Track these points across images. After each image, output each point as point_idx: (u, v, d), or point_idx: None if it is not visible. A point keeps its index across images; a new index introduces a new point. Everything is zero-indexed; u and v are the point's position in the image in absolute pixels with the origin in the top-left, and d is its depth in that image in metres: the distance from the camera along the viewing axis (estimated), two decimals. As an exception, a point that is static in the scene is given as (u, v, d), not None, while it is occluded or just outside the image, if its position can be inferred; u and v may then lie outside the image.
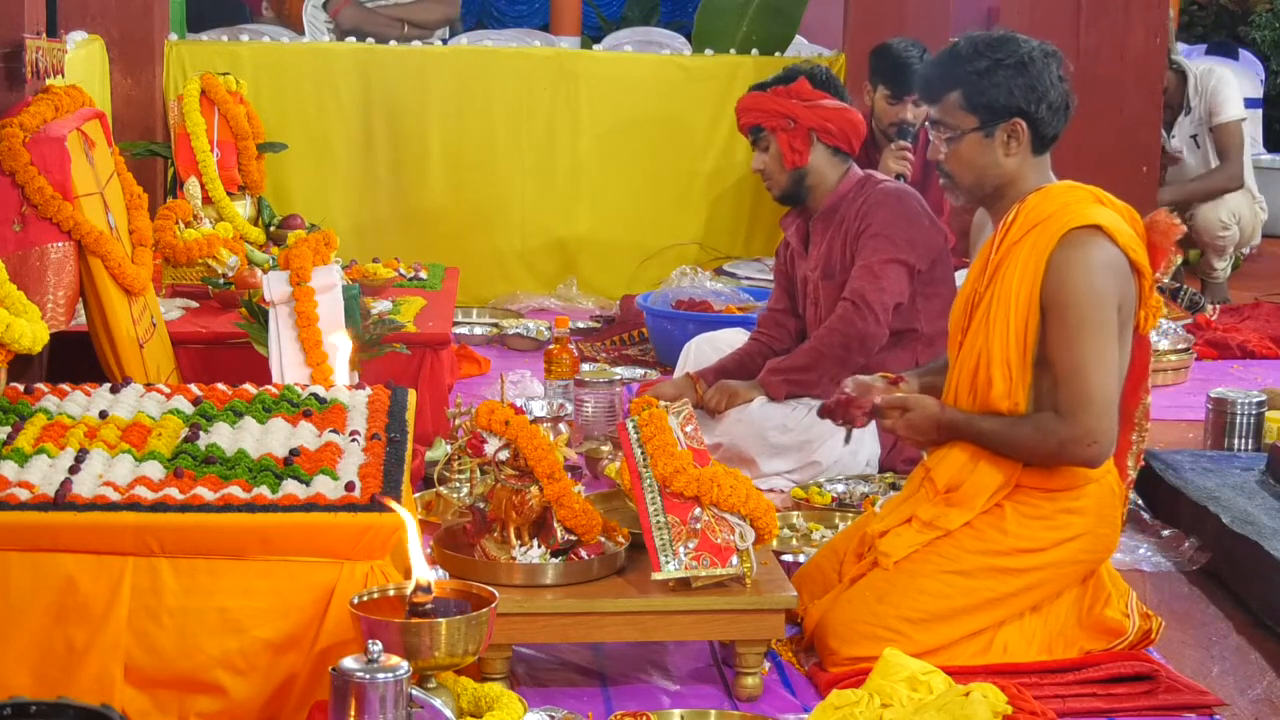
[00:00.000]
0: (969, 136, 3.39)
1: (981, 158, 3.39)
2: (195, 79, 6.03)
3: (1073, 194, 3.37)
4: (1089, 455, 3.30)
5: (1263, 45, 10.41)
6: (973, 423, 3.37)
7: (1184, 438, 5.01)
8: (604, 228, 7.26)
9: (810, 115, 4.60)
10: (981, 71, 3.35)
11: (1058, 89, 3.37)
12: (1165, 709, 3.19)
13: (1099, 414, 3.27)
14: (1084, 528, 3.35)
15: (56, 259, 3.80)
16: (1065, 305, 3.26)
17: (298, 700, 2.80)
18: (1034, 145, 3.39)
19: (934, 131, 3.45)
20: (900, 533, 3.39)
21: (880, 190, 4.61)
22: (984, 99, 3.36)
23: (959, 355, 3.44)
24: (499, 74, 7.16)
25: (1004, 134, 3.37)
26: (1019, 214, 3.35)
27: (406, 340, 4.54)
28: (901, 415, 3.46)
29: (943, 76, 3.41)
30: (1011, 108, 3.35)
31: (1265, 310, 7.04)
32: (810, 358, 4.55)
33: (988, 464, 3.35)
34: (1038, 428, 3.30)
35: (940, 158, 3.44)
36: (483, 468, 3.25)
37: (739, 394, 4.61)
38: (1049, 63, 3.38)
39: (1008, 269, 3.33)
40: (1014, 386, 3.33)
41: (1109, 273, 3.27)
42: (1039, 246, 3.29)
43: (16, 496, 2.80)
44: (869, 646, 3.22)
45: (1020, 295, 3.30)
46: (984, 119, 3.37)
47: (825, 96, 4.63)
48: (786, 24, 7.62)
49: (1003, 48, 3.37)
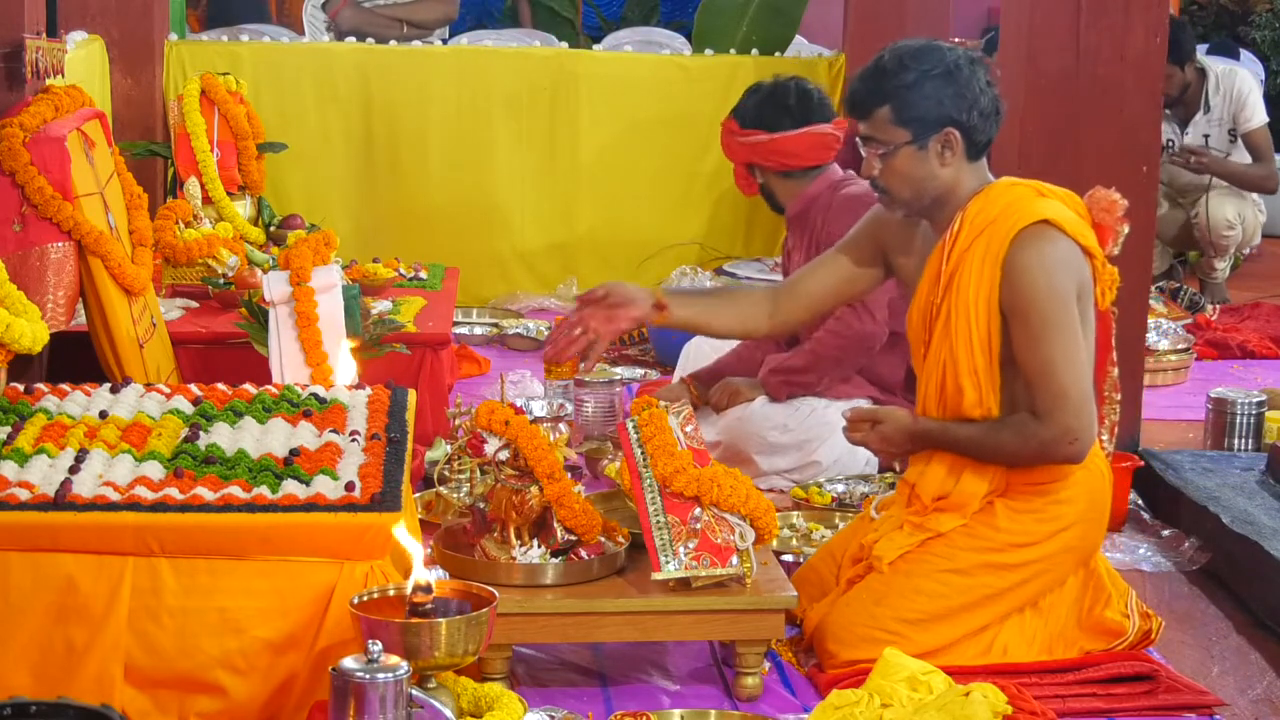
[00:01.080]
0: (902, 150, 3.35)
1: (917, 170, 3.36)
2: (195, 79, 6.03)
3: (1014, 191, 3.35)
4: (1071, 453, 3.30)
5: (1263, 45, 10.41)
6: (948, 431, 3.36)
7: (1184, 438, 5.01)
8: (604, 228, 7.26)
9: (742, 150, 4.75)
10: (909, 84, 3.31)
11: (987, 94, 3.34)
12: (1165, 709, 3.19)
13: (1076, 411, 3.26)
14: (1075, 516, 3.35)
15: (56, 259, 3.80)
16: (1027, 308, 3.25)
17: (298, 700, 2.80)
18: (969, 152, 3.36)
19: (865, 149, 3.40)
20: (893, 536, 3.39)
21: (842, 196, 4.62)
22: (914, 112, 3.32)
23: (924, 367, 3.43)
24: (499, 74, 7.16)
25: (938, 144, 3.34)
26: (963, 222, 3.33)
27: (406, 340, 4.54)
28: (873, 428, 3.44)
29: (870, 92, 3.36)
30: (942, 118, 3.32)
31: (1265, 310, 7.05)
32: (810, 360, 4.57)
33: (971, 473, 3.35)
34: (1017, 432, 3.29)
35: (874, 174, 3.39)
36: (483, 468, 3.25)
37: (741, 392, 4.62)
38: (975, 69, 3.35)
39: (962, 277, 3.31)
40: (984, 394, 3.32)
41: (1064, 268, 3.26)
42: (991, 251, 3.28)
43: (16, 496, 2.80)
44: (868, 649, 3.22)
45: (979, 302, 3.29)
46: (916, 132, 3.33)
47: (755, 133, 4.70)
48: (786, 24, 7.62)
49: (928, 58, 3.33)
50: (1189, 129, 7.45)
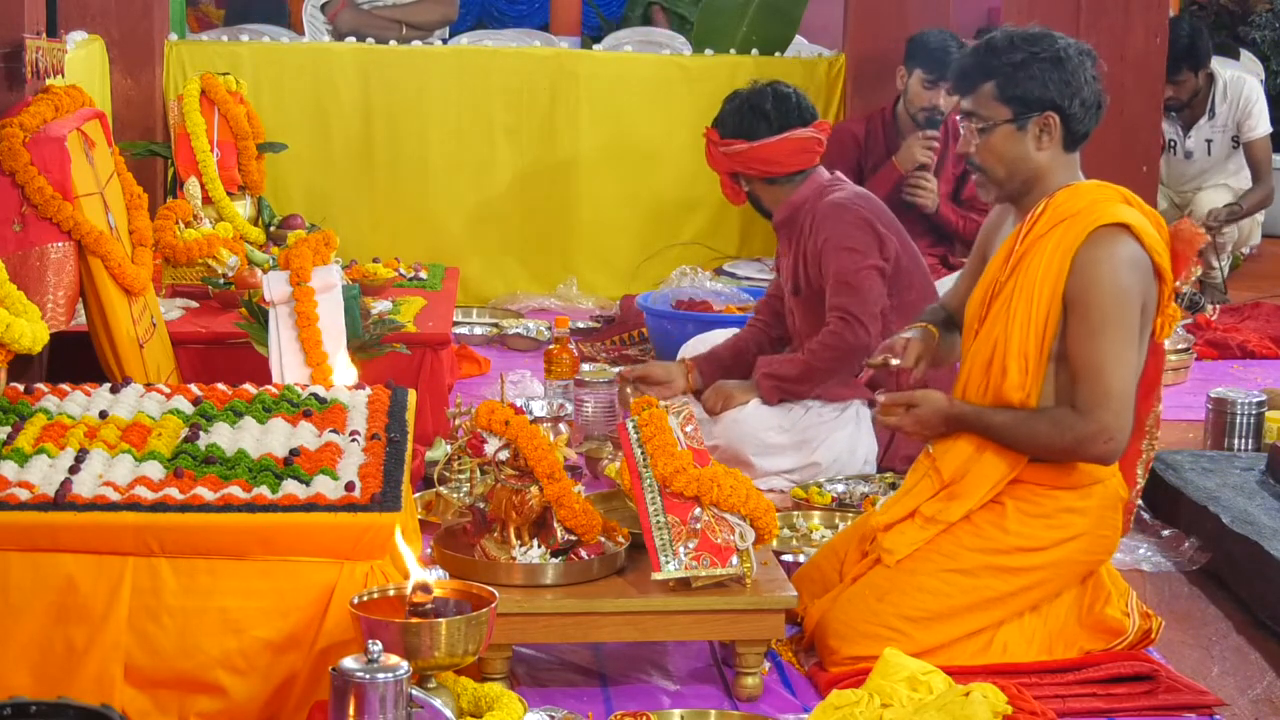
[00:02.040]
0: (1001, 128, 3.38)
1: (1013, 150, 3.39)
2: (195, 79, 6.03)
3: (1101, 192, 3.38)
4: (1104, 452, 3.30)
5: (1263, 45, 10.39)
6: (983, 416, 3.37)
7: (1184, 438, 5.01)
8: (604, 228, 7.26)
9: (725, 160, 4.71)
10: (1017, 64, 3.35)
11: (1091, 86, 3.38)
12: (1165, 709, 3.19)
13: (1117, 411, 3.27)
14: (1084, 528, 3.35)
15: (56, 259, 3.80)
16: (1089, 302, 3.27)
17: (298, 700, 2.80)
18: (1065, 141, 3.39)
19: (965, 124, 3.44)
20: (904, 529, 3.39)
21: (825, 205, 4.60)
22: (1018, 91, 3.35)
23: (974, 344, 3.44)
24: (499, 74, 7.16)
25: (1036, 127, 3.37)
26: (1047, 208, 3.36)
27: (406, 340, 4.54)
28: (908, 411, 3.45)
29: (978, 67, 3.40)
30: (1045, 101, 3.35)
31: (1265, 310, 7.04)
32: (804, 370, 4.54)
33: (993, 454, 3.35)
34: (1054, 423, 3.30)
35: (971, 150, 3.43)
36: (483, 468, 3.25)
37: (734, 396, 4.59)
38: (1084, 60, 3.38)
39: (1031, 261, 3.33)
40: (1028, 378, 3.33)
41: (1134, 271, 3.28)
42: (1065, 242, 3.30)
43: (16, 496, 2.80)
44: (869, 645, 3.22)
45: (1043, 288, 3.30)
46: (1017, 111, 3.36)
47: (735, 142, 4.66)
48: (786, 24, 7.62)
49: (1039, 42, 3.37)
50: (1192, 133, 7.44)
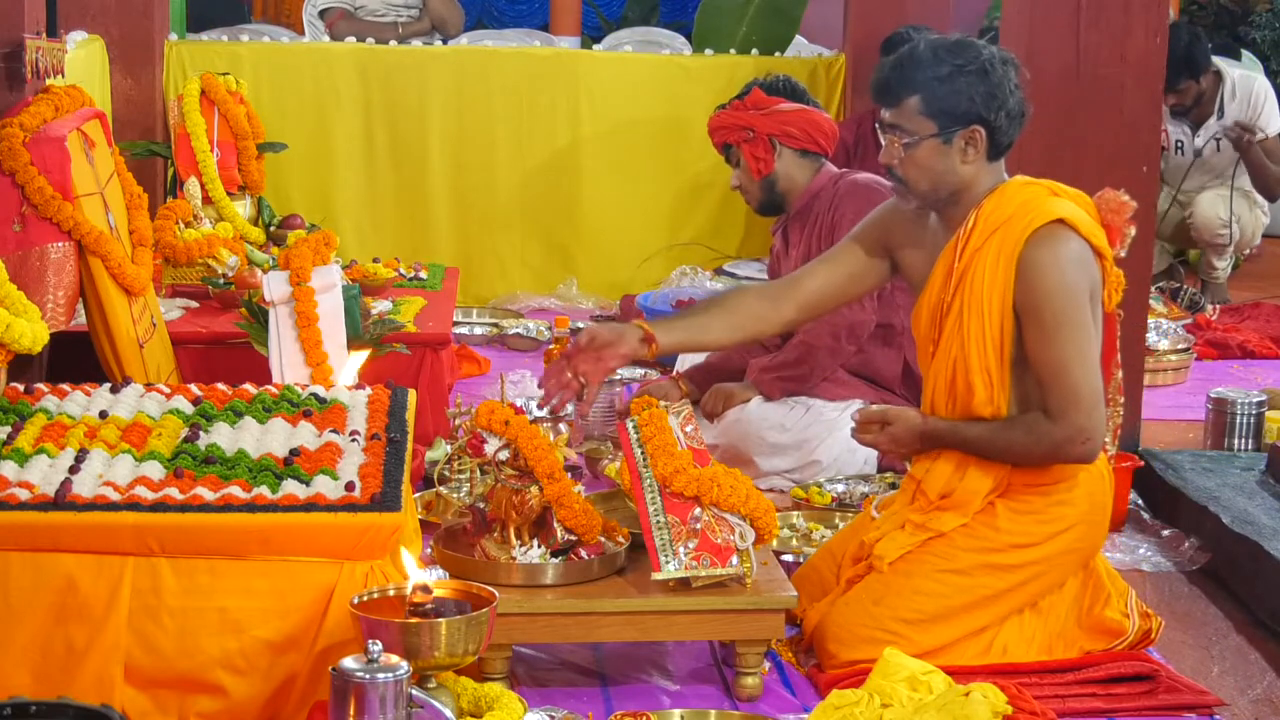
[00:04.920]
0: (926, 142, 3.33)
1: (938, 164, 3.35)
2: (195, 79, 6.03)
3: (1028, 191, 3.35)
4: (1083, 453, 3.30)
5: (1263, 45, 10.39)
6: (958, 431, 3.35)
7: (1184, 438, 5.01)
8: (604, 228, 7.26)
9: (767, 122, 4.64)
10: (943, 78, 3.30)
11: (1015, 97, 3.34)
12: (1165, 709, 3.19)
13: (1088, 411, 3.26)
14: (1076, 518, 3.35)
15: (56, 259, 3.80)
16: (1041, 306, 3.25)
17: (298, 700, 2.80)
18: (990, 152, 3.35)
19: (887, 135, 3.38)
20: (894, 536, 3.39)
21: (848, 183, 4.62)
22: (944, 105, 3.31)
23: (932, 365, 3.42)
24: (499, 74, 7.16)
25: (962, 141, 3.33)
26: (978, 220, 3.33)
27: (406, 340, 4.54)
28: (882, 429, 3.44)
29: (901, 80, 3.34)
30: (971, 115, 3.31)
31: (1265, 310, 7.04)
32: (801, 351, 4.55)
33: (976, 469, 3.35)
34: (1028, 431, 3.29)
35: (894, 162, 3.38)
36: (483, 468, 3.25)
37: (735, 395, 4.60)
38: (1008, 70, 3.34)
39: (975, 275, 3.31)
40: (995, 392, 3.32)
41: (1078, 267, 3.27)
42: (1005, 250, 3.28)
43: (16, 496, 2.80)
44: (867, 649, 3.22)
45: (992, 301, 3.29)
46: (943, 125, 3.32)
47: (780, 101, 4.65)
48: (786, 24, 7.62)
49: (963, 54, 3.31)
50: (1201, 132, 7.43)
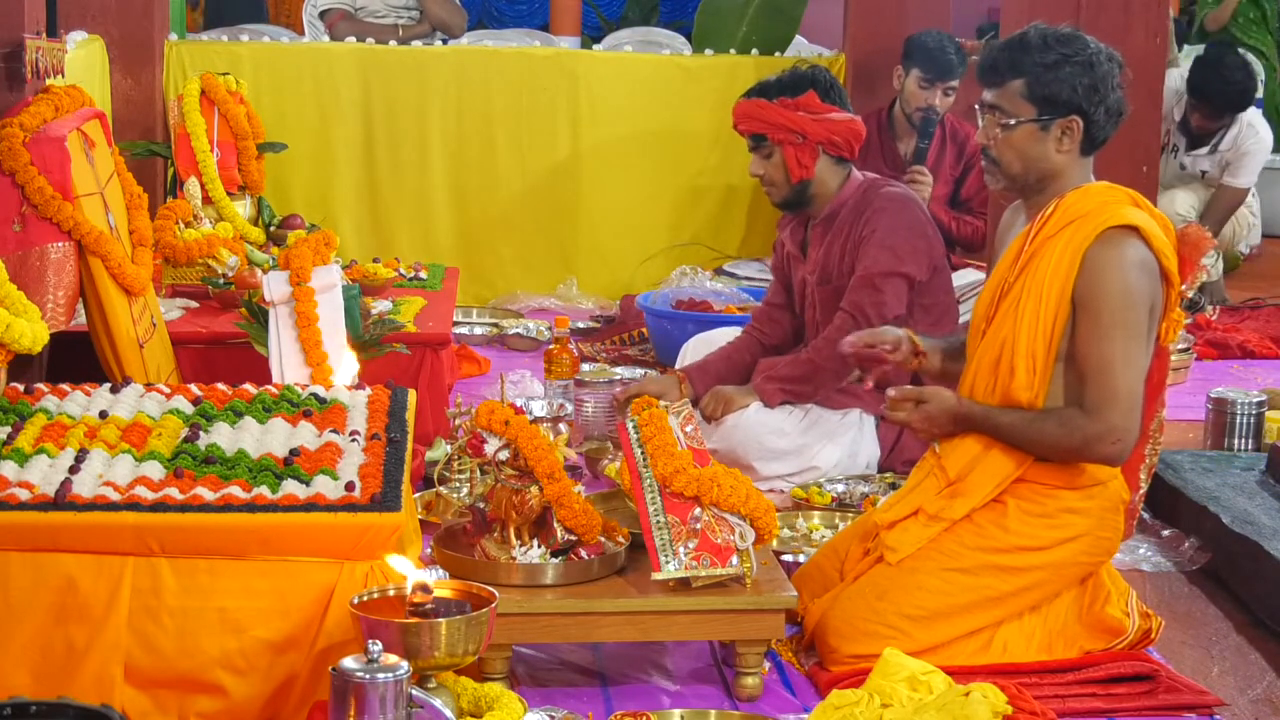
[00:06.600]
0: (1024, 126, 3.39)
1: (1033, 149, 3.40)
2: (195, 79, 6.03)
3: (1111, 194, 3.39)
4: (1112, 452, 3.30)
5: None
6: (991, 416, 3.37)
7: (1184, 438, 5.01)
8: (604, 228, 7.26)
9: (819, 129, 4.50)
10: (1049, 64, 3.36)
11: (1116, 94, 3.39)
12: (1165, 709, 3.19)
13: (1125, 412, 3.27)
14: (1085, 528, 3.35)
15: (56, 259, 3.79)
16: (1098, 302, 3.27)
17: (298, 700, 2.80)
18: (1084, 145, 3.40)
19: (986, 115, 3.44)
20: (907, 527, 3.39)
21: (885, 195, 4.53)
22: (1046, 92, 3.36)
23: (980, 344, 3.44)
24: (499, 74, 7.16)
25: (1059, 129, 3.38)
26: (1057, 209, 3.36)
27: (406, 340, 4.54)
28: (916, 407, 3.45)
29: (1009, 62, 3.40)
30: (1072, 105, 3.36)
31: (1265, 310, 7.05)
32: (807, 369, 4.51)
33: (1000, 452, 3.36)
34: (1062, 423, 3.30)
35: (989, 142, 3.43)
36: (483, 468, 3.25)
37: (734, 400, 4.56)
38: (1112, 67, 3.40)
39: (1040, 261, 3.34)
40: (1036, 378, 3.33)
41: (1143, 272, 3.29)
42: (1074, 242, 3.30)
43: (16, 496, 2.80)
44: (869, 644, 3.22)
45: (1052, 289, 3.31)
46: (1043, 111, 3.37)
47: (834, 110, 4.52)
48: (786, 24, 7.61)
49: (1071, 44, 3.38)
50: (1193, 154, 7.47)
